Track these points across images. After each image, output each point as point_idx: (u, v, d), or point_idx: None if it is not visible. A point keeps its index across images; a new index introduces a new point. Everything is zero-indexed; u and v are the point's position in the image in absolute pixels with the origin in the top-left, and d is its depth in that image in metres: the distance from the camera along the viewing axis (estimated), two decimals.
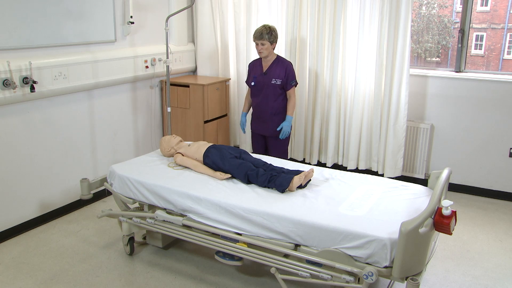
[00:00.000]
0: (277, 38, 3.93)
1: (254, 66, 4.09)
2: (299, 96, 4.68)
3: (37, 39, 3.55)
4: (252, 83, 4.05)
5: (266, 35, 3.81)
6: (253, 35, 3.88)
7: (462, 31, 4.28)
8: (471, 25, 4.29)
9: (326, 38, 4.46)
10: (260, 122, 4.10)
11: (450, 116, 4.39)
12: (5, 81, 3.27)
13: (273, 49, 3.96)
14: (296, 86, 4.02)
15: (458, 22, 4.45)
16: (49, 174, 3.82)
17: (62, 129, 3.87)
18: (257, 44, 3.89)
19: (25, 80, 3.40)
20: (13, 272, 3.11)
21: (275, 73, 3.94)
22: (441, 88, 4.37)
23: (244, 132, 4.48)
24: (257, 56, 4.08)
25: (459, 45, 4.32)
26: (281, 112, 4.02)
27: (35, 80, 3.45)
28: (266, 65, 3.99)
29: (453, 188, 4.47)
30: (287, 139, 4.10)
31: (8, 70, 3.29)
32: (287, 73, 3.92)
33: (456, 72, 4.38)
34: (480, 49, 4.62)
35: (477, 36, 4.56)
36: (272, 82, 3.93)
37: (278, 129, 3.96)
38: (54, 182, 3.88)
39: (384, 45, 4.22)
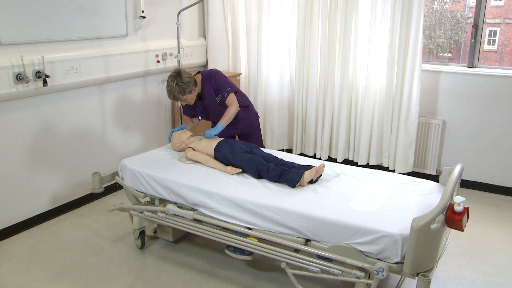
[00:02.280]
0: (191, 78, 3.32)
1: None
2: (310, 90, 4.66)
3: (50, 33, 3.58)
4: (200, 118, 3.65)
5: (180, 94, 3.25)
6: (168, 97, 3.34)
7: (475, 26, 4.23)
8: (484, 20, 4.25)
9: (337, 32, 4.44)
10: (229, 129, 3.67)
11: (462, 112, 4.35)
12: (18, 75, 3.30)
13: (196, 87, 3.38)
14: (235, 93, 3.53)
15: (471, 17, 4.40)
16: (61, 168, 3.86)
17: (74, 123, 3.90)
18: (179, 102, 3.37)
19: (38, 74, 3.43)
20: (26, 264, 3.15)
21: (211, 91, 3.50)
22: (453, 84, 4.33)
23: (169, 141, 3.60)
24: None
25: (472, 40, 4.28)
26: (245, 112, 3.71)
27: (47, 74, 3.48)
28: (198, 92, 3.52)
29: (465, 184, 4.44)
30: (258, 131, 3.86)
31: (21, 64, 3.32)
32: (216, 86, 3.49)
33: (469, 67, 4.34)
34: (493, 44, 4.56)
35: (490, 31, 4.51)
36: (218, 101, 3.52)
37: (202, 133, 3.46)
38: (66, 175, 3.91)
39: (396, 40, 4.19)
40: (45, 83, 3.45)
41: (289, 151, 5.05)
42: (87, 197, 4.14)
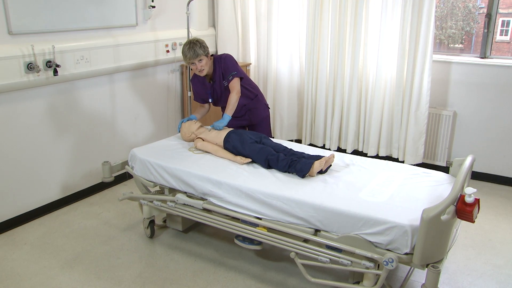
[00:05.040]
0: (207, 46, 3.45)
1: (200, 82, 3.61)
2: (320, 81, 4.64)
3: (60, 23, 3.58)
4: (210, 100, 3.64)
5: (200, 49, 3.32)
6: (187, 56, 3.33)
7: (488, 16, 4.18)
8: (498, 10, 4.19)
9: (348, 22, 4.40)
10: (238, 120, 3.73)
11: (473, 103, 4.31)
12: (29, 65, 3.32)
13: (210, 61, 3.47)
14: (241, 79, 3.53)
15: (483, 8, 4.34)
16: (71, 157, 3.88)
17: (84, 113, 3.91)
18: (193, 64, 3.37)
19: (49, 64, 3.44)
20: (38, 252, 3.19)
21: (220, 75, 3.51)
22: (465, 75, 4.29)
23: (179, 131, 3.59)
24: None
25: (485, 30, 4.23)
26: (253, 102, 3.71)
27: (58, 63, 3.49)
28: (209, 74, 3.55)
29: (476, 176, 4.41)
30: (267, 121, 3.85)
31: (32, 53, 3.33)
32: (224, 69, 3.49)
33: (481, 58, 4.29)
34: (506, 35, 4.51)
35: (503, 21, 4.45)
36: (225, 85, 3.52)
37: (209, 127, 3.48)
38: (76, 164, 3.94)
39: (407, 30, 4.15)
40: (55, 72, 3.47)
41: (299, 141, 5.05)
42: (97, 186, 4.17)
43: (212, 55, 3.54)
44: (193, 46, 3.32)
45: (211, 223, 2.92)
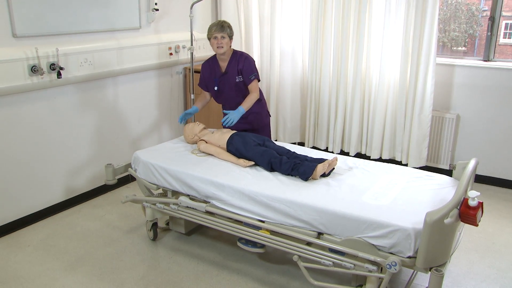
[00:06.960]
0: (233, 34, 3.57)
1: (211, 68, 3.63)
2: (323, 83, 4.64)
3: (64, 26, 3.60)
4: (215, 88, 3.63)
5: (228, 28, 3.44)
6: (212, 29, 3.42)
7: (492, 19, 4.18)
8: (501, 12, 4.19)
9: (351, 25, 4.40)
10: (241, 123, 3.62)
11: (476, 106, 4.30)
12: (33, 67, 3.33)
13: (230, 45, 3.56)
14: (258, 81, 3.59)
15: (486, 10, 4.34)
16: (74, 159, 3.89)
17: (88, 115, 3.92)
18: (215, 38, 3.42)
19: (52, 67, 3.45)
20: (41, 254, 3.19)
21: (235, 69, 3.54)
22: (468, 78, 4.28)
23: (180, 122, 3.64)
24: (215, 55, 3.61)
25: (489, 33, 4.22)
26: (257, 106, 3.65)
27: (61, 66, 3.50)
28: (223, 63, 3.58)
29: (479, 179, 4.39)
30: (268, 128, 3.85)
31: (36, 56, 3.34)
32: (244, 67, 3.52)
33: (484, 61, 4.29)
34: (510, 38, 4.50)
35: (506, 24, 4.44)
36: (237, 80, 3.54)
37: (223, 120, 3.39)
38: (79, 167, 3.95)
39: (410, 33, 4.14)
40: (59, 75, 3.48)
41: (301, 144, 5.04)
42: (100, 189, 4.17)
43: (233, 49, 3.60)
44: (222, 23, 3.45)
45: (214, 226, 2.92)
